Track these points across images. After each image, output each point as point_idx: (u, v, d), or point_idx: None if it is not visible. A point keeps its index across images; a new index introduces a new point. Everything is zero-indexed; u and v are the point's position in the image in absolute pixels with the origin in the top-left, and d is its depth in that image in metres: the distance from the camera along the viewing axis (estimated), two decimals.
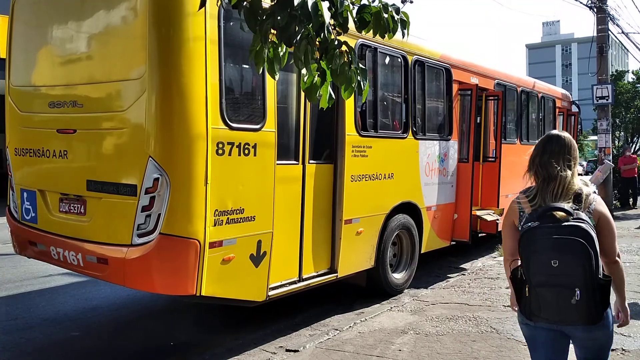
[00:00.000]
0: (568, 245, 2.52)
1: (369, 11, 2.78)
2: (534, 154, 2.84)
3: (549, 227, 2.57)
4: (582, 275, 2.50)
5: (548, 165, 2.73)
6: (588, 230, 2.53)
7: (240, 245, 4.71)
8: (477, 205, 8.88)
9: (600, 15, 14.54)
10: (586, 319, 2.58)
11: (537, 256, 2.57)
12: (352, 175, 6.03)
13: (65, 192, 5.05)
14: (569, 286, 2.52)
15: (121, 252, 4.43)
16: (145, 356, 5.15)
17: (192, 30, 4.32)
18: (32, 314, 6.12)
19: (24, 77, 5.55)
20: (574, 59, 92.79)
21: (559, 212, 2.60)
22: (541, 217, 2.62)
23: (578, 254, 2.50)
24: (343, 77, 2.80)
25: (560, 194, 2.68)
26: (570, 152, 2.77)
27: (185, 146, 4.32)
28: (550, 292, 2.58)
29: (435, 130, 7.90)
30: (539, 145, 2.85)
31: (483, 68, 9.12)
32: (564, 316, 2.60)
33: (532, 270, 2.59)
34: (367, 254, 6.41)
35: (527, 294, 2.66)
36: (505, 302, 6.33)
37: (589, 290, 2.51)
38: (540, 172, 2.76)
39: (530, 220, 2.66)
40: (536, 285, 2.60)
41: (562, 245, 2.53)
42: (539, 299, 2.61)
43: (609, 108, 14.95)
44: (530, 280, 2.62)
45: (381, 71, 6.70)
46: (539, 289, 2.60)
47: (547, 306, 2.61)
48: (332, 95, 2.92)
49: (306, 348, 4.98)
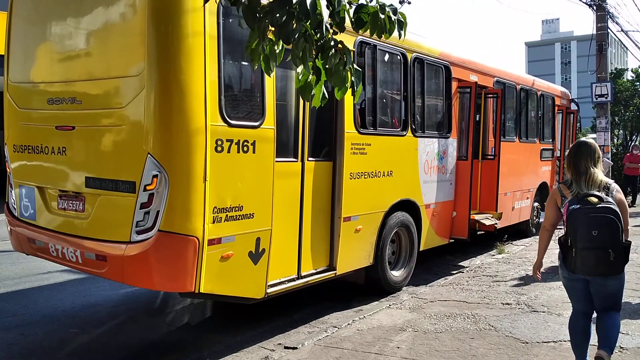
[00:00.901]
0: (603, 220, 3.65)
1: (367, 11, 2.78)
2: (569, 155, 4.02)
3: (587, 208, 3.69)
4: (614, 241, 3.65)
5: (579, 164, 3.87)
6: (616, 210, 3.67)
7: (239, 243, 4.71)
8: (475, 201, 8.87)
9: (599, 13, 14.55)
10: (615, 270, 3.75)
11: (581, 229, 3.68)
12: (351, 172, 6.03)
13: (64, 189, 5.05)
14: (606, 249, 3.66)
15: (120, 249, 4.43)
16: (144, 353, 5.15)
17: (191, 27, 4.31)
18: (30, 310, 6.12)
19: (23, 73, 5.54)
20: (573, 57, 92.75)
21: (592, 198, 3.72)
22: (581, 201, 3.74)
23: (610, 226, 3.64)
24: (337, 76, 2.80)
25: (590, 184, 3.80)
26: (595, 154, 3.89)
27: (184, 143, 4.31)
28: (592, 253, 3.71)
29: (435, 128, 7.90)
30: (572, 149, 4.01)
31: (482, 66, 9.11)
32: (601, 270, 3.73)
33: (578, 238, 3.71)
34: (365, 252, 6.41)
35: (574, 255, 3.76)
36: (503, 299, 6.34)
37: (619, 251, 3.67)
38: (574, 169, 3.90)
39: (573, 203, 3.78)
40: (581, 249, 3.71)
41: (599, 221, 3.66)
42: (582, 258, 3.73)
43: (608, 106, 14.96)
44: (576, 246, 3.73)
45: (380, 68, 6.69)
46: (583, 252, 3.72)
47: (587, 263, 3.73)
48: (325, 95, 2.93)
49: (305, 345, 4.99)
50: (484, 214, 9.07)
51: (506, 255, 9.08)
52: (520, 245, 10.19)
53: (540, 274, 4.24)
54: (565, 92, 13.36)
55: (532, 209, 11.13)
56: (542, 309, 5.92)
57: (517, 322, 5.50)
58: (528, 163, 10.81)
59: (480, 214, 8.99)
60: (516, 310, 5.92)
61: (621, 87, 20.22)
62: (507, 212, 9.83)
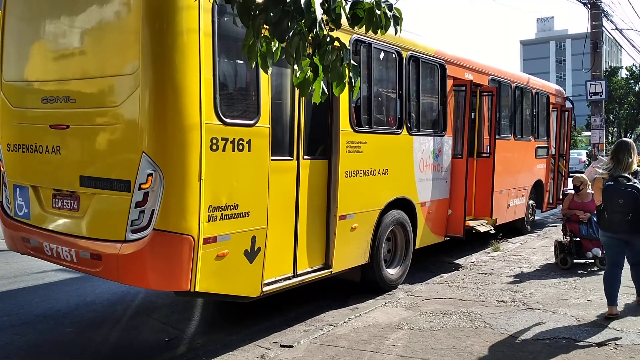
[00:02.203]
0: (628, 193, 5.18)
1: (362, 7, 2.78)
2: (613, 149, 5.60)
3: (618, 184, 5.26)
4: (635, 207, 5.13)
5: (618, 155, 5.45)
6: (638, 187, 5.18)
7: (235, 241, 4.70)
8: (471, 199, 8.88)
9: (594, 12, 14.56)
10: (635, 231, 5.20)
11: (612, 198, 5.24)
12: (346, 170, 6.03)
13: (59, 188, 5.03)
14: (627, 213, 5.16)
15: (115, 248, 4.41)
16: (140, 352, 5.14)
17: (185, 25, 4.29)
18: (25, 310, 6.10)
19: (17, 72, 5.51)
20: (567, 55, 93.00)
21: (622, 179, 5.28)
22: (614, 180, 5.31)
23: (633, 197, 5.14)
24: (335, 73, 2.80)
25: (624, 169, 5.36)
26: (630, 149, 5.46)
27: (179, 141, 4.30)
28: (617, 216, 5.23)
29: (430, 126, 7.91)
30: (615, 145, 5.62)
31: (477, 64, 9.12)
32: (624, 228, 5.22)
33: (609, 205, 5.27)
34: (361, 250, 6.42)
35: (605, 217, 5.30)
36: (498, 297, 6.35)
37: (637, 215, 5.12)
38: (615, 158, 5.45)
39: (609, 181, 5.35)
40: (609, 213, 5.27)
41: (625, 193, 5.19)
42: (610, 221, 5.28)
43: (603, 104, 14.98)
44: (607, 210, 5.29)
45: (375, 67, 6.69)
46: (611, 215, 5.27)
47: (615, 224, 5.27)
48: (324, 91, 2.92)
49: (300, 343, 4.99)
50: (479, 220, 9.11)
51: (501, 253, 9.11)
52: (516, 242, 10.22)
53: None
54: (560, 90, 13.39)
55: (527, 207, 11.16)
56: (538, 307, 5.94)
57: (513, 320, 5.52)
58: (523, 161, 10.83)
59: (475, 220, 9.02)
60: (511, 308, 5.93)
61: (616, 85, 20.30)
62: (503, 210, 9.85)
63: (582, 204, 8.03)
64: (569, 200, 8.20)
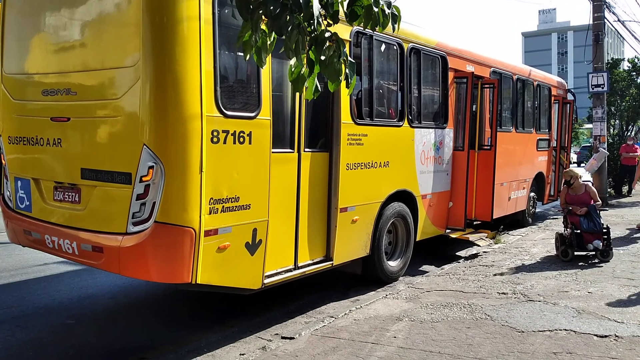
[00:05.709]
0: None
1: (360, 4, 2.77)
2: None
3: None
4: None
5: None
6: None
7: (236, 234, 4.71)
8: (472, 192, 8.85)
9: (596, 3, 14.49)
10: None
11: None
12: (347, 163, 6.03)
13: (60, 181, 5.03)
14: None
15: (116, 240, 4.42)
16: (141, 344, 5.16)
17: (186, 17, 4.28)
18: (27, 302, 6.12)
19: (17, 64, 5.50)
20: (569, 47, 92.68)
21: None
22: None
23: None
24: (331, 68, 2.79)
25: None
26: None
27: (180, 134, 4.29)
28: None
29: (431, 119, 7.89)
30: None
31: (479, 56, 9.09)
32: None
33: None
34: (362, 242, 6.43)
35: None
36: (499, 289, 6.37)
37: None
38: None
39: None
40: None
41: None
42: None
43: (605, 96, 14.93)
44: None
45: (377, 59, 6.67)
46: None
47: None
48: (317, 87, 2.91)
49: (302, 335, 5.01)
50: (478, 233, 9.15)
51: (502, 245, 9.11)
52: (517, 235, 10.22)
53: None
54: (562, 82, 13.35)
55: (528, 199, 11.16)
56: (538, 298, 5.95)
57: (513, 312, 5.53)
58: (524, 153, 10.82)
59: (474, 234, 9.03)
60: (512, 300, 5.95)
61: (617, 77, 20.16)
62: (504, 202, 9.85)
63: (576, 197, 8.04)
64: (565, 195, 8.22)
